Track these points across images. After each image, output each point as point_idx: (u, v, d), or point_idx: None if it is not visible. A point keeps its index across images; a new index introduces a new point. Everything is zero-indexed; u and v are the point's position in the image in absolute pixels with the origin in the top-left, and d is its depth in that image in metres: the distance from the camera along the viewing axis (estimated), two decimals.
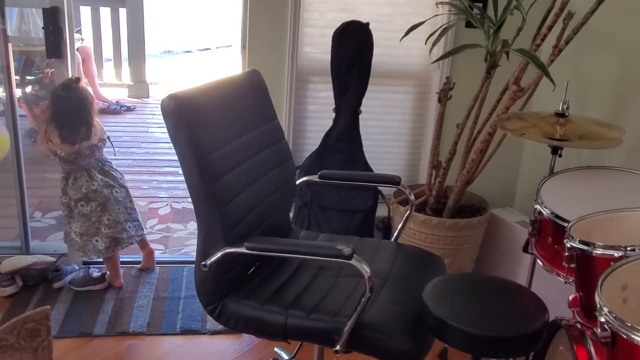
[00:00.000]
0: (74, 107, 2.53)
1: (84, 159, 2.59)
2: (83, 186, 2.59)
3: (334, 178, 2.09)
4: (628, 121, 2.39)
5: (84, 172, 2.60)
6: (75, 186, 2.59)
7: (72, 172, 2.59)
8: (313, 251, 1.59)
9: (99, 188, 2.61)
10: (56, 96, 2.54)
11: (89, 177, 2.60)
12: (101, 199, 2.62)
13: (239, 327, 1.67)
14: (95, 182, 2.61)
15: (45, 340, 1.05)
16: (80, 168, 2.59)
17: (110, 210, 2.65)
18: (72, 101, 2.52)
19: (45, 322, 1.05)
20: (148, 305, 2.65)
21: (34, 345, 1.03)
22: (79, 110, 2.53)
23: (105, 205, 2.63)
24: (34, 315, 1.04)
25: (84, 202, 2.61)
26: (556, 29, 2.43)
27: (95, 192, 2.61)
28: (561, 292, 2.00)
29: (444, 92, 2.64)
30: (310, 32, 2.94)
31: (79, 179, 2.59)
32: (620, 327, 1.17)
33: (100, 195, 2.62)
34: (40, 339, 1.03)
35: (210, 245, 1.64)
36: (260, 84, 1.97)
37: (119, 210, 2.68)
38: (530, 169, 3.16)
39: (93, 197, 2.61)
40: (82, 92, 2.55)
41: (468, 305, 1.60)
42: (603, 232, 1.64)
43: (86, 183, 2.59)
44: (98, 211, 2.63)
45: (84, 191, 2.60)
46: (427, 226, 2.63)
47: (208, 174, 1.60)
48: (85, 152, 2.59)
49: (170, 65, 8.38)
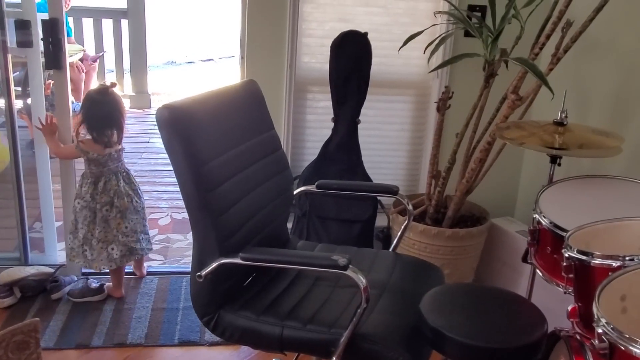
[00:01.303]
0: (107, 111, 2.59)
1: (113, 162, 2.65)
2: (112, 190, 2.63)
3: (332, 188, 2.09)
4: (627, 130, 2.38)
5: (113, 176, 2.64)
6: (105, 190, 2.63)
7: (103, 175, 2.63)
8: (308, 261, 1.57)
9: (122, 194, 2.65)
10: (91, 100, 2.61)
11: (116, 181, 2.64)
12: (122, 206, 2.65)
13: (234, 338, 1.66)
14: (121, 188, 2.65)
15: (34, 353, 1.04)
16: (110, 171, 2.64)
17: (129, 219, 2.68)
18: (106, 105, 2.59)
19: (34, 334, 1.03)
20: (146, 316, 2.64)
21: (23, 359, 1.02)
22: (112, 114, 2.60)
23: (125, 213, 2.66)
24: (22, 327, 1.03)
25: (108, 207, 2.63)
26: (555, 37, 2.43)
27: (119, 198, 2.64)
28: (562, 302, 1.97)
29: (443, 102, 2.63)
30: (308, 42, 2.94)
31: (108, 182, 2.63)
32: (618, 338, 1.15)
33: (122, 203, 2.65)
34: (29, 352, 1.02)
35: (205, 255, 1.62)
36: (257, 93, 1.97)
37: (137, 220, 2.71)
38: (531, 178, 3.14)
39: (116, 203, 2.64)
40: (116, 97, 2.63)
41: (466, 316, 1.59)
42: (602, 241, 1.62)
43: (115, 187, 2.63)
44: (118, 218, 2.65)
45: (112, 195, 2.63)
46: (427, 236, 2.61)
47: (203, 183, 1.59)
48: (115, 156, 2.65)
49: (173, 76, 8.40)
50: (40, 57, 2.81)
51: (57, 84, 2.70)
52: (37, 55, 2.80)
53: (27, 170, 2.99)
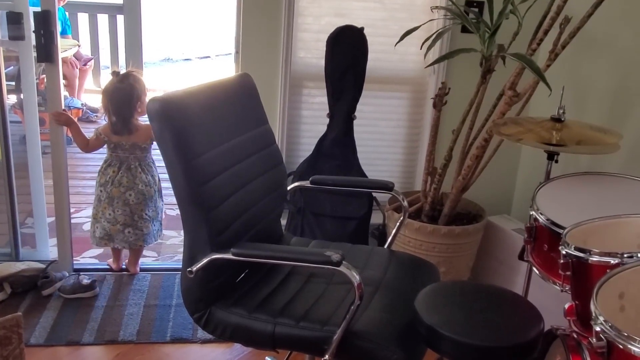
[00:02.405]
0: (121, 97, 2.68)
1: (124, 152, 2.74)
2: (108, 174, 2.74)
3: (326, 184, 2.06)
4: (625, 126, 2.36)
5: (117, 163, 2.75)
6: (105, 172, 2.75)
7: (110, 159, 2.76)
8: (301, 257, 1.54)
9: (116, 183, 2.73)
10: (107, 90, 2.71)
11: (118, 168, 2.74)
12: (111, 193, 2.74)
13: (226, 335, 1.63)
14: (119, 177, 2.73)
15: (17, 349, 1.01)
16: (117, 158, 2.75)
17: (114, 207, 2.75)
18: (123, 91, 2.68)
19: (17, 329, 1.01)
20: (138, 313, 2.60)
21: (5, 354, 0.99)
22: (120, 104, 2.69)
23: (112, 200, 2.74)
24: (4, 322, 1.00)
25: (102, 188, 2.75)
26: (552, 33, 2.40)
27: (111, 185, 2.73)
28: (558, 300, 1.94)
29: (439, 98, 2.60)
30: (304, 37, 2.91)
31: (109, 167, 2.75)
32: (616, 336, 1.13)
33: (112, 190, 2.74)
34: (12, 347, 0.99)
35: (196, 251, 1.60)
36: (250, 87, 1.94)
37: (125, 213, 2.77)
38: (528, 176, 3.12)
39: (108, 188, 2.73)
40: (127, 87, 2.70)
41: (461, 314, 1.56)
42: (599, 238, 1.59)
43: (112, 173, 2.74)
44: (105, 202, 2.75)
45: (108, 179, 2.74)
46: (423, 233, 2.59)
47: (194, 177, 1.56)
48: (125, 146, 2.73)
49: (169, 73, 8.37)
50: (32, 51, 2.78)
51: (49, 77, 2.67)
52: (29, 48, 2.77)
53: (18, 166, 2.96)
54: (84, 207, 3.77)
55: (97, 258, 3.14)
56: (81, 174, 4.27)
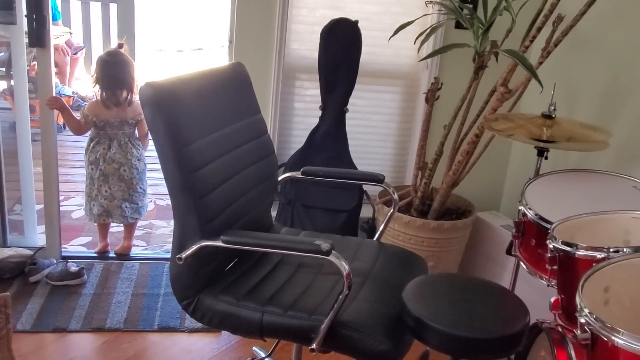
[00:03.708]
0: (117, 71, 2.72)
1: (112, 129, 2.76)
2: (99, 152, 2.76)
3: (317, 175, 2.06)
4: (614, 125, 2.38)
5: (107, 140, 2.77)
6: (94, 150, 2.77)
7: (98, 137, 2.78)
8: (291, 246, 1.55)
9: (109, 159, 2.77)
10: (102, 61, 2.74)
11: (108, 145, 2.77)
12: (105, 170, 2.78)
13: (214, 323, 1.63)
14: (111, 154, 2.77)
15: (4, 329, 1.00)
16: (105, 135, 2.77)
17: (110, 184, 2.80)
18: (115, 65, 2.72)
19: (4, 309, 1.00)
20: (126, 301, 2.60)
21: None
22: (122, 74, 2.73)
23: (107, 177, 2.79)
24: None
25: (94, 167, 2.79)
26: (545, 31, 2.42)
27: (104, 162, 2.77)
28: (544, 295, 1.96)
29: (432, 93, 2.61)
30: (298, 29, 2.90)
31: (98, 144, 2.77)
32: (600, 328, 1.14)
33: (106, 167, 2.77)
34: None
35: (186, 238, 1.60)
36: (243, 76, 1.93)
37: (120, 188, 2.82)
38: (517, 173, 3.14)
39: (101, 165, 2.77)
40: (125, 58, 2.76)
41: (448, 305, 1.57)
42: (586, 234, 1.61)
43: (102, 150, 2.76)
44: (100, 179, 2.80)
45: (98, 157, 2.77)
46: (412, 227, 2.60)
47: (185, 164, 1.56)
48: (114, 123, 2.76)
49: (161, 64, 8.32)
50: (24, 36, 2.76)
51: (40, 63, 2.65)
52: (21, 33, 2.75)
53: (7, 153, 2.94)
54: (72, 195, 3.75)
55: (86, 246, 3.13)
56: (70, 162, 4.25)
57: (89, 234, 3.26)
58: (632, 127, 2.34)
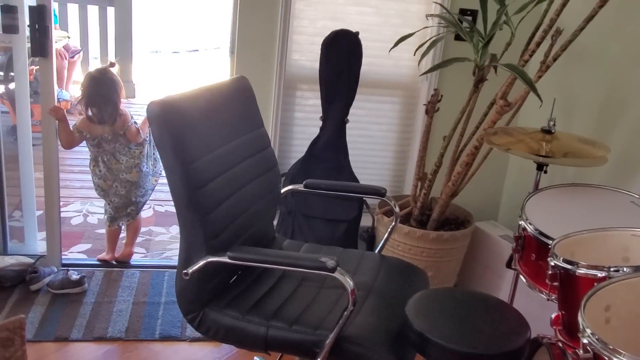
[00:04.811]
0: (105, 89, 2.74)
1: (108, 143, 2.80)
2: (113, 168, 2.83)
3: (319, 187, 2.08)
4: (613, 139, 2.41)
5: (111, 156, 2.82)
6: (109, 168, 2.83)
7: (100, 155, 2.81)
8: (296, 263, 1.57)
9: (129, 168, 2.85)
10: (90, 78, 2.77)
11: (116, 160, 2.82)
12: (133, 178, 2.87)
13: (219, 336, 1.65)
14: (124, 164, 2.84)
15: (19, 351, 1.02)
16: (105, 152, 2.81)
17: (119, 192, 2.89)
18: (104, 83, 2.74)
19: (20, 331, 1.02)
20: (127, 310, 2.61)
21: (7, 356, 1.00)
22: (109, 93, 2.74)
23: (137, 183, 2.90)
24: (7, 324, 1.01)
25: (103, 180, 2.86)
26: (544, 45, 2.45)
27: (127, 173, 2.84)
28: (543, 308, 2.00)
29: (432, 104, 2.64)
30: (299, 40, 2.93)
31: (108, 161, 2.83)
32: (602, 349, 1.17)
33: (132, 175, 2.86)
34: (14, 349, 1.00)
35: (192, 253, 1.61)
36: (247, 91, 1.95)
37: (127, 192, 2.90)
38: (515, 183, 3.17)
39: (127, 177, 2.85)
40: (114, 77, 2.78)
41: (450, 320, 1.60)
42: (586, 250, 1.64)
43: (116, 165, 2.83)
44: (113, 190, 2.88)
45: (116, 173, 2.84)
46: (411, 238, 2.63)
47: (192, 181, 1.58)
48: (108, 137, 2.78)
49: (158, 66, 8.32)
50: (25, 44, 2.77)
51: (42, 72, 2.65)
52: (23, 41, 2.76)
53: (8, 157, 2.94)
54: (72, 201, 3.76)
55: (85, 253, 3.14)
56: (69, 167, 4.25)
57: (89, 241, 3.27)
58: (629, 141, 2.37)
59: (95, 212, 3.60)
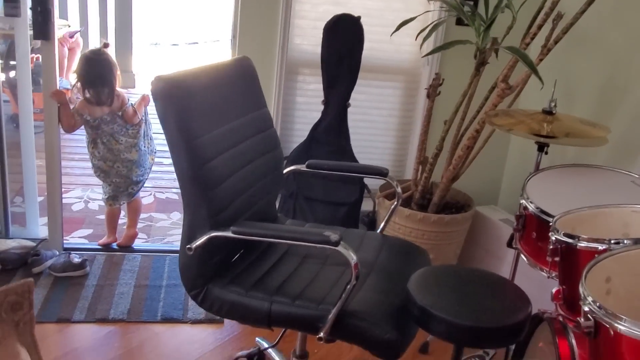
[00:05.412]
0: (101, 69, 2.74)
1: (107, 124, 2.79)
2: (114, 149, 2.83)
3: (322, 168, 2.09)
4: (613, 121, 2.42)
5: (111, 137, 2.81)
6: (109, 149, 2.83)
7: (99, 137, 2.81)
8: (300, 237, 1.58)
9: (129, 148, 2.85)
10: (86, 59, 2.78)
11: (115, 141, 2.82)
12: (133, 158, 2.87)
13: (222, 312, 1.66)
14: (124, 144, 2.83)
15: (28, 315, 1.03)
16: (105, 133, 2.80)
17: (119, 172, 2.89)
18: (100, 64, 2.74)
19: (28, 295, 1.03)
20: (129, 292, 2.63)
21: (16, 319, 1.01)
22: (105, 73, 2.74)
23: (135, 162, 2.90)
24: (16, 288, 1.02)
25: (102, 162, 2.86)
26: (545, 28, 2.45)
27: (127, 153, 2.85)
28: (542, 288, 2.01)
29: (433, 88, 2.65)
30: (301, 24, 2.93)
31: (108, 142, 2.82)
32: (603, 315, 1.18)
33: (131, 155, 2.87)
34: (22, 313, 1.01)
35: (195, 229, 1.62)
36: (250, 70, 1.96)
37: (127, 172, 2.91)
38: (515, 169, 3.18)
39: (127, 156, 2.86)
40: (109, 57, 2.78)
41: (452, 296, 1.61)
42: (587, 227, 1.65)
43: (116, 146, 2.83)
44: (114, 170, 2.89)
45: (116, 154, 2.84)
46: (412, 221, 2.64)
47: (196, 157, 1.59)
48: (107, 119, 2.78)
49: (157, 58, 8.31)
50: (27, 29, 2.77)
51: (44, 56, 2.66)
52: (25, 25, 2.76)
53: (9, 145, 2.95)
54: (72, 188, 3.77)
55: (87, 238, 3.15)
56: (70, 154, 4.25)
57: (90, 227, 3.28)
58: (629, 123, 2.38)
59: (96, 199, 3.61)
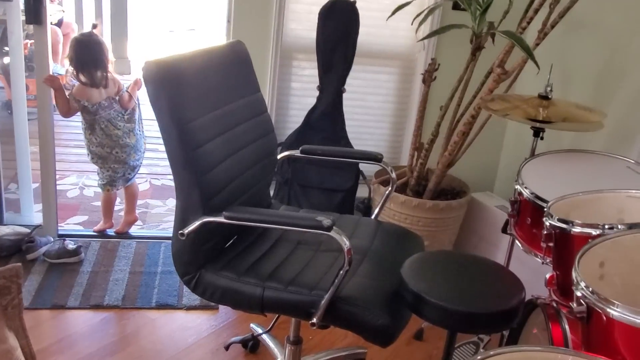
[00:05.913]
0: (93, 51, 2.73)
1: (104, 110, 2.77)
2: (112, 134, 2.81)
3: (316, 153, 2.07)
4: (610, 107, 2.41)
5: (108, 123, 2.79)
6: (106, 134, 2.80)
7: (96, 123, 2.78)
8: (293, 222, 1.57)
9: (127, 134, 2.85)
10: (77, 42, 2.76)
11: (113, 126, 2.80)
12: (132, 142, 2.87)
13: (215, 298, 1.65)
14: (122, 129, 2.82)
15: (16, 299, 1.02)
16: (102, 119, 2.78)
17: (117, 158, 2.88)
18: (91, 46, 2.73)
19: (16, 279, 1.02)
20: (124, 279, 2.62)
21: (4, 303, 1.01)
22: (98, 55, 2.73)
23: (133, 147, 2.90)
24: (4, 272, 1.01)
25: (100, 148, 2.84)
26: (542, 12, 2.43)
27: (126, 138, 2.84)
28: (537, 274, 2.01)
29: (429, 73, 2.63)
30: (296, 9, 2.90)
31: (105, 128, 2.79)
32: (596, 301, 1.18)
33: (130, 140, 2.86)
34: (10, 297, 1.00)
35: (188, 214, 1.61)
36: (244, 55, 1.94)
37: (125, 157, 2.89)
38: (511, 155, 3.17)
39: (126, 141, 2.85)
40: (100, 39, 2.78)
41: (445, 281, 1.60)
42: (581, 212, 1.64)
43: (114, 131, 2.81)
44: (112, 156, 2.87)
45: (114, 139, 2.82)
46: (408, 207, 2.63)
47: (188, 141, 1.57)
48: (105, 104, 2.77)
49: (153, 44, 8.25)
50: (20, 14, 2.74)
51: (37, 41, 2.63)
52: (17, 10, 2.73)
53: (3, 131, 2.93)
54: (67, 175, 3.75)
55: (82, 225, 3.14)
56: (65, 141, 4.24)
57: (85, 213, 3.27)
58: (625, 109, 2.37)
59: (91, 185, 3.59)
